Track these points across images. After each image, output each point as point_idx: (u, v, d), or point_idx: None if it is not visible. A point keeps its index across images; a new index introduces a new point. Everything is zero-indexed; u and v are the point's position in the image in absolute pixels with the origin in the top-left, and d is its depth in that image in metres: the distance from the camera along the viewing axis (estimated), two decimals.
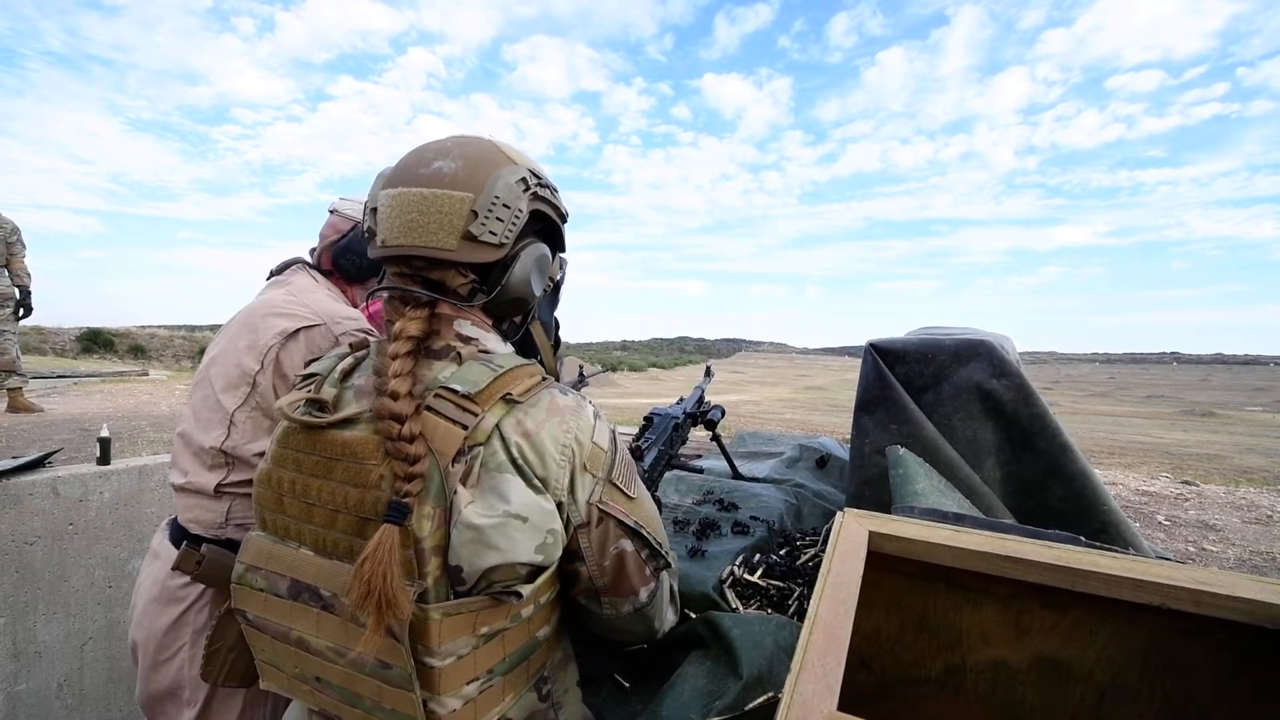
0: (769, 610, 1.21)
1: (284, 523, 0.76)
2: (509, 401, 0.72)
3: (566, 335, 1.02)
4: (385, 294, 0.80)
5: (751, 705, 0.90)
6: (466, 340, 0.78)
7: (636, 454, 1.33)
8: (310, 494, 0.72)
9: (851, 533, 0.79)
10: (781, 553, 1.43)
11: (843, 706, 0.50)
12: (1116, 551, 0.78)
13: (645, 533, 0.80)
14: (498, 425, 0.70)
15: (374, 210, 0.78)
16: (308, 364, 0.90)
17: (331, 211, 1.37)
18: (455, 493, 0.67)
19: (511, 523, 0.68)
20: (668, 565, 0.86)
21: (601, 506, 0.76)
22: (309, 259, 1.37)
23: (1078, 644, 0.78)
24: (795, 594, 1.24)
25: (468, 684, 0.71)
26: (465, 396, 0.70)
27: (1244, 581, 0.69)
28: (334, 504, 0.71)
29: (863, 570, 0.70)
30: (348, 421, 0.73)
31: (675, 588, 0.93)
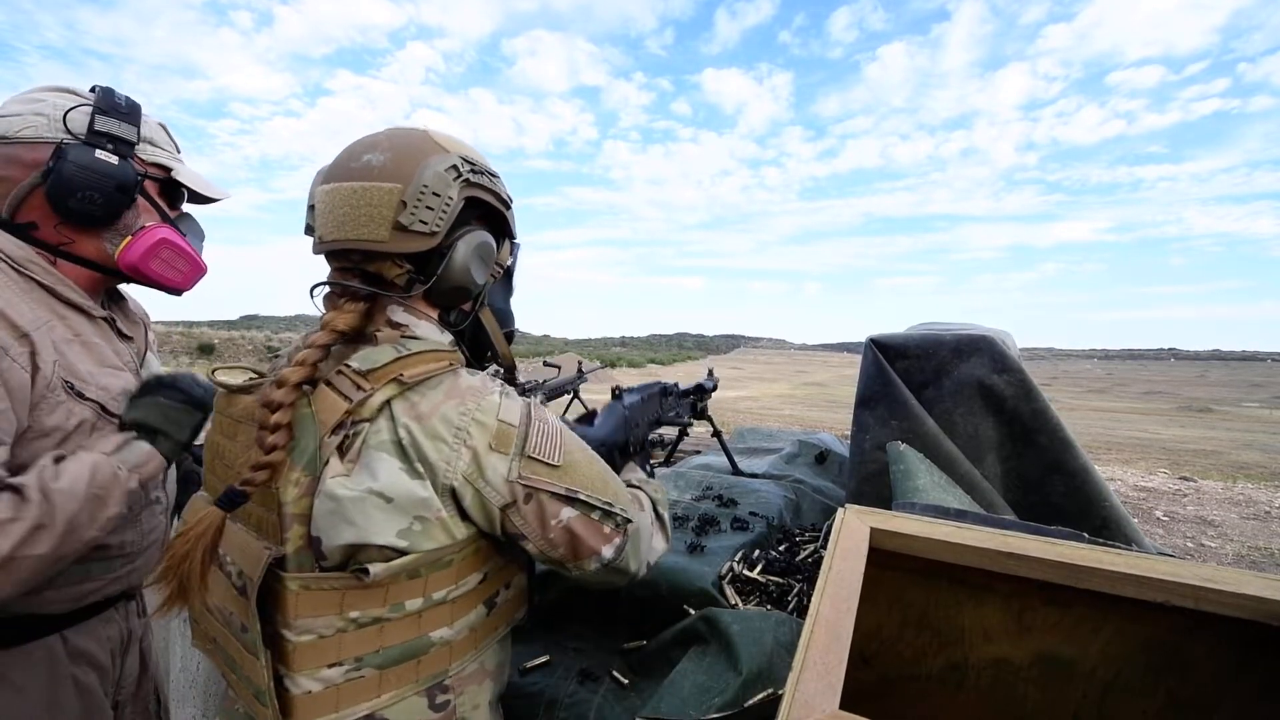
0: (768, 606, 1.20)
1: (214, 483, 0.79)
2: (399, 383, 0.71)
3: (564, 331, 1.02)
4: (325, 289, 0.80)
5: (751, 702, 0.90)
6: (395, 326, 0.78)
7: (616, 394, 1.30)
8: (226, 456, 0.77)
9: (853, 529, 0.79)
10: (781, 549, 1.43)
11: (844, 704, 0.49)
12: (1119, 548, 0.77)
13: (584, 496, 0.77)
14: (389, 404, 0.70)
15: (311, 207, 0.79)
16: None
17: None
18: (327, 462, 0.68)
19: (372, 499, 0.67)
20: (629, 520, 0.82)
21: (524, 482, 0.74)
22: None
23: (1080, 641, 0.78)
24: (795, 590, 1.23)
25: (329, 667, 0.69)
26: (359, 373, 0.71)
27: (1249, 579, 0.68)
28: (236, 466, 0.74)
29: (864, 567, 0.70)
30: (250, 390, 0.76)
31: (664, 515, 0.93)
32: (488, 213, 0.85)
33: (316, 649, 0.69)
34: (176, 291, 1.09)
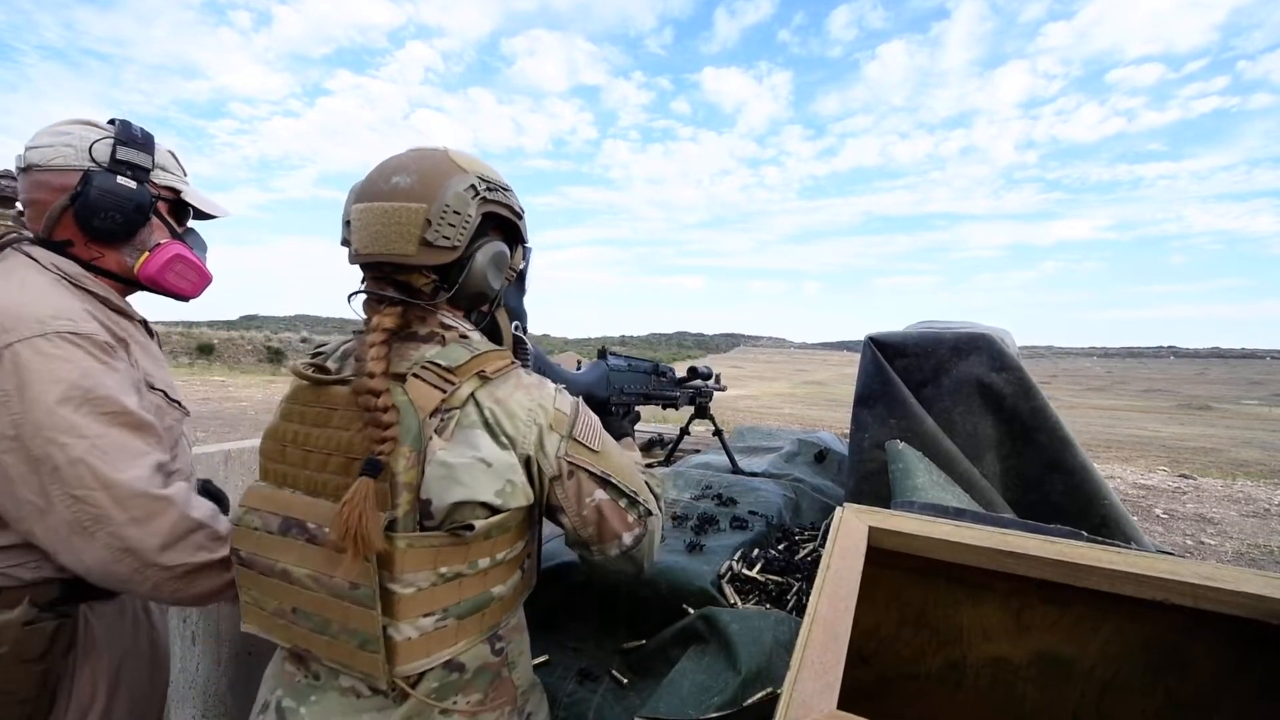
0: (768, 605, 1.20)
1: (282, 471, 0.88)
2: (482, 378, 0.85)
3: (564, 330, 1.08)
4: (364, 296, 0.93)
5: (750, 701, 0.90)
6: (449, 328, 0.91)
7: (602, 354, 1.42)
8: (310, 441, 0.86)
9: (851, 528, 0.78)
10: (780, 548, 1.43)
11: (842, 703, 0.49)
12: (1118, 546, 0.77)
13: (615, 481, 0.90)
14: (473, 394, 0.84)
15: (347, 223, 0.91)
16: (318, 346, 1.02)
17: (26, 170, 1.07)
18: (430, 439, 0.80)
19: (478, 465, 0.81)
20: (650, 513, 0.94)
21: (569, 459, 0.87)
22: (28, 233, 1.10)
23: (1079, 640, 0.78)
24: (794, 589, 1.23)
25: (424, 616, 0.81)
26: (446, 369, 0.84)
27: (1249, 577, 0.68)
28: (329, 448, 0.84)
29: (862, 566, 0.70)
30: (344, 381, 0.88)
31: (662, 508, 1.01)
32: (502, 223, 0.96)
33: (416, 600, 0.80)
34: (186, 299, 1.24)
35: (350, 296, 0.92)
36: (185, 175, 1.23)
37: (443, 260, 0.87)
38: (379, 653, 0.79)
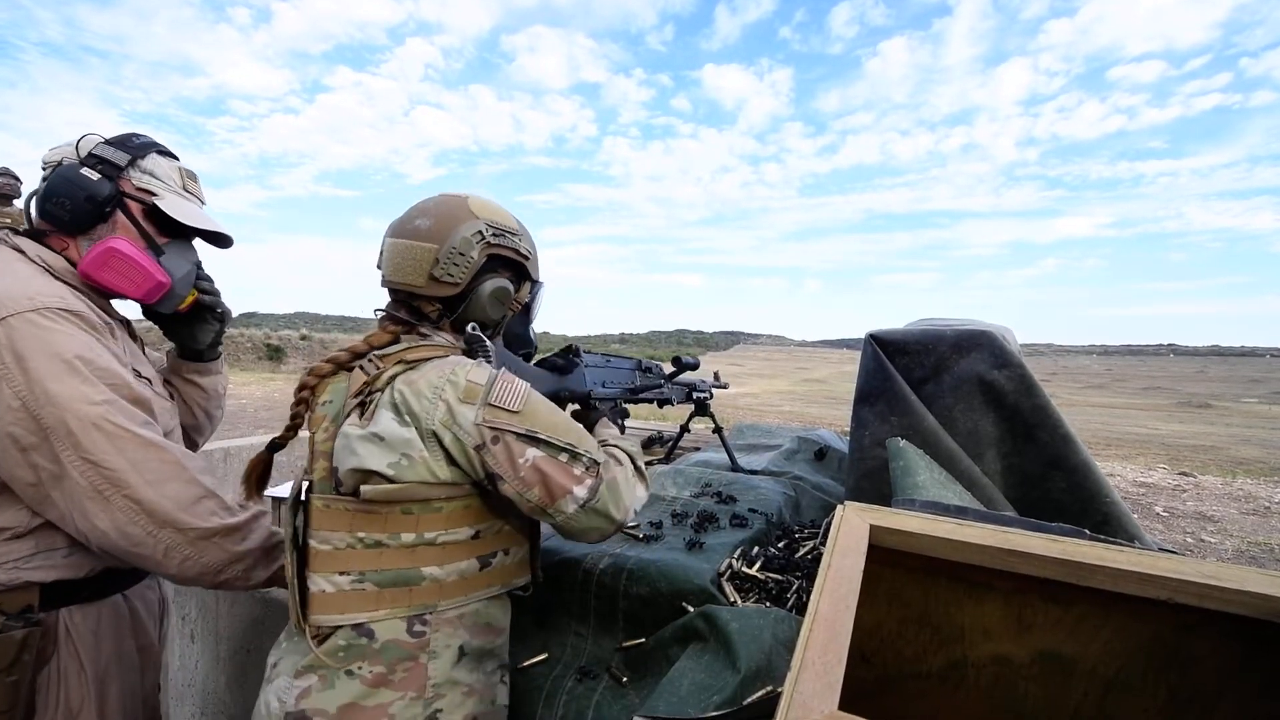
0: (767, 604, 1.20)
1: None
2: (404, 362, 0.95)
3: (564, 328, 1.12)
4: (381, 314, 1.08)
5: (750, 700, 0.89)
6: (420, 335, 1.03)
7: (574, 352, 1.46)
8: None
9: (852, 526, 0.78)
10: (780, 545, 1.42)
11: (843, 703, 0.49)
12: (1121, 545, 0.76)
13: (545, 436, 0.92)
14: (394, 378, 0.93)
15: (382, 253, 1.04)
16: None
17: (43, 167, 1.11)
18: (348, 416, 0.92)
19: (371, 439, 0.89)
20: (596, 463, 0.96)
21: (489, 425, 0.90)
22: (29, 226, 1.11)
23: (1081, 639, 0.77)
24: (794, 587, 1.23)
25: (339, 574, 0.89)
26: (378, 358, 0.97)
27: (1253, 575, 0.67)
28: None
29: (864, 565, 0.69)
30: None
31: (639, 464, 1.06)
32: (511, 263, 1.09)
33: (332, 557, 0.90)
34: (131, 299, 1.15)
35: (376, 311, 1.09)
36: (184, 190, 1.19)
37: (447, 294, 1.00)
38: (294, 598, 0.90)
